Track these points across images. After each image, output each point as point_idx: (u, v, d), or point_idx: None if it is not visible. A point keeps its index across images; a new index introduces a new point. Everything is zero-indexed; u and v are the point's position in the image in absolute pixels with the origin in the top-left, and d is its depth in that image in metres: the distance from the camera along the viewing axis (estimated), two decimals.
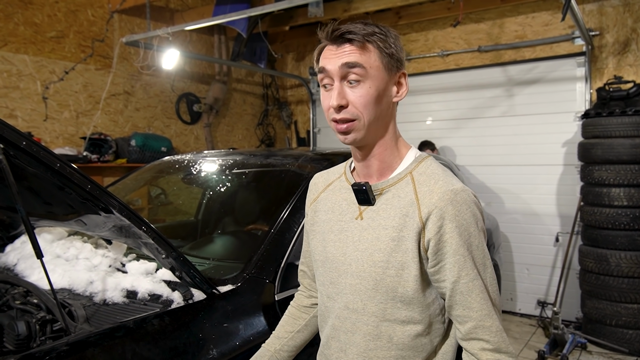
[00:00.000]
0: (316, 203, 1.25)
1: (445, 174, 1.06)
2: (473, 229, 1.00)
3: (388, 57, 1.03)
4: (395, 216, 1.04)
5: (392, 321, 1.05)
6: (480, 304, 1.00)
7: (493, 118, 4.86)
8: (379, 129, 1.07)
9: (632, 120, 3.76)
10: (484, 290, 1.01)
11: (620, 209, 3.77)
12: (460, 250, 0.99)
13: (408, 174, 1.07)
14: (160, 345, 1.25)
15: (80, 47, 4.02)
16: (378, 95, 1.03)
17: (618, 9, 4.29)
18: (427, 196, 1.02)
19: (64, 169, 1.23)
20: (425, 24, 5.31)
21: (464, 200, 1.01)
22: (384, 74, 1.03)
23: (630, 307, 3.73)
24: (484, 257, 1.02)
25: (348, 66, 1.01)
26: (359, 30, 1.02)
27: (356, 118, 1.02)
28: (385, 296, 1.04)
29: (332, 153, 2.39)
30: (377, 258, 1.04)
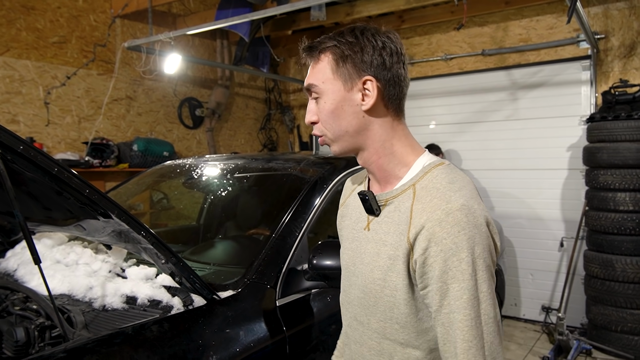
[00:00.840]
0: (343, 208, 1.22)
1: (448, 187, 0.94)
2: (464, 255, 0.87)
3: (342, 66, 0.99)
4: (394, 232, 0.97)
5: (392, 341, 1.00)
6: (463, 342, 0.87)
7: (497, 122, 4.83)
8: (357, 138, 1.02)
9: (638, 124, 3.72)
10: (471, 327, 0.87)
11: (626, 214, 3.73)
12: (443, 277, 0.88)
13: (411, 186, 0.98)
14: (159, 352, 1.23)
15: (83, 52, 4.02)
16: (335, 108, 1.00)
17: (624, 12, 4.27)
18: (418, 214, 0.93)
19: (61, 174, 1.21)
20: (428, 28, 5.30)
21: (458, 221, 0.88)
22: (338, 86, 0.99)
23: (636, 313, 3.69)
24: (475, 290, 0.88)
25: (307, 88, 1.04)
26: (319, 44, 1.01)
27: (322, 133, 1.04)
28: (384, 315, 1.00)
29: (334, 157, 2.37)
30: (376, 275, 1.00)
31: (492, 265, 0.91)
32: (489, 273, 0.90)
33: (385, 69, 0.99)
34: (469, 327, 0.87)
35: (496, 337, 0.89)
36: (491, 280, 0.90)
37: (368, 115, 1.00)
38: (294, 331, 1.60)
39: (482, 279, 0.89)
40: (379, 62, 0.98)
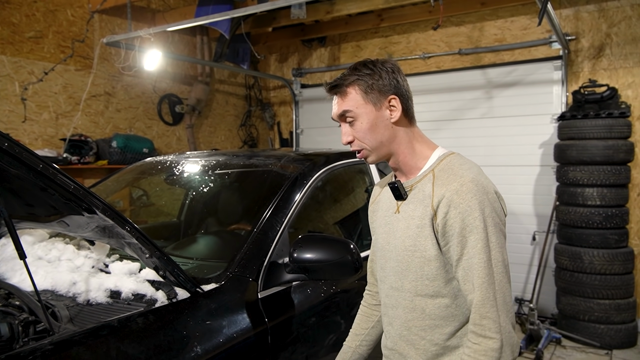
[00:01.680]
0: (374, 205, 1.48)
1: (461, 167, 1.22)
2: (477, 214, 1.14)
3: (370, 94, 1.25)
4: (419, 207, 1.24)
5: (423, 296, 1.25)
6: (481, 280, 1.13)
7: (473, 120, 4.95)
8: (390, 145, 1.29)
9: (605, 123, 3.88)
10: (483, 268, 1.13)
11: (594, 209, 3.89)
12: (462, 232, 1.15)
13: (430, 171, 1.26)
14: (145, 343, 1.27)
15: (60, 47, 3.98)
16: (371, 125, 1.26)
17: (593, 15, 4.43)
18: (439, 188, 1.20)
19: (46, 170, 1.23)
20: (407, 27, 5.39)
21: (470, 189, 1.16)
22: (370, 108, 1.26)
23: (603, 303, 3.86)
24: (487, 240, 1.14)
25: (340, 114, 1.29)
26: (343, 82, 1.27)
27: (362, 147, 1.29)
28: (415, 275, 1.25)
29: (314, 153, 2.42)
30: (407, 243, 1.25)
31: (500, 222, 1.19)
32: (497, 228, 1.17)
33: (400, 86, 1.29)
34: (482, 267, 1.13)
35: (504, 277, 1.16)
36: (499, 233, 1.17)
37: (395, 125, 1.28)
38: (276, 322, 1.65)
39: (492, 232, 1.15)
40: (394, 83, 1.28)
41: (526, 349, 3.85)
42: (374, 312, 1.56)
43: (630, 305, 3.92)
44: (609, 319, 3.86)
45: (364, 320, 1.57)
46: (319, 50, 6.10)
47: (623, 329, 3.88)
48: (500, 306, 1.13)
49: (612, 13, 4.34)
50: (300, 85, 6.19)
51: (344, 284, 2.08)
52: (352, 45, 5.84)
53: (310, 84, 6.17)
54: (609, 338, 3.87)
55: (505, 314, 1.14)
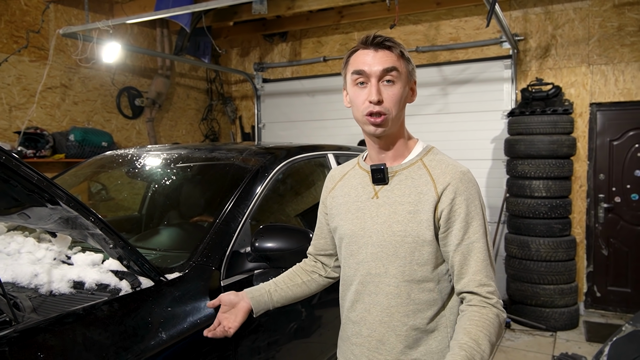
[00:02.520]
0: (334, 191, 1.47)
1: (450, 160, 1.31)
2: (478, 202, 1.25)
3: (410, 67, 1.30)
4: (410, 194, 1.27)
5: (409, 281, 1.27)
6: (477, 262, 1.21)
7: (429, 115, 5.14)
8: (399, 123, 1.30)
9: (550, 119, 4.14)
10: (482, 251, 1.22)
11: (540, 200, 4.15)
12: (467, 218, 1.22)
13: (419, 160, 1.31)
14: (110, 329, 1.31)
15: (13, 37, 3.86)
16: (402, 95, 1.27)
17: (540, 17, 4.68)
18: (441, 176, 1.25)
19: (9, 162, 1.25)
20: (366, 24, 5.52)
21: (470, 179, 1.27)
22: (407, 80, 1.29)
23: (548, 288, 4.13)
24: (483, 226, 1.25)
25: (387, 70, 1.24)
26: (394, 44, 1.28)
27: (387, 113, 1.25)
28: (403, 260, 1.26)
29: (276, 147, 2.49)
30: (396, 228, 1.26)
31: None
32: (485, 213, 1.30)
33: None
34: (484, 250, 1.23)
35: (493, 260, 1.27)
36: None
37: (404, 108, 1.31)
38: None
39: (485, 220, 1.27)
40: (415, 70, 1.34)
41: None
42: (303, 274, 1.57)
43: (572, 289, 4.21)
44: (554, 303, 4.14)
45: (290, 275, 1.57)
46: (280, 45, 6.14)
47: (566, 312, 4.17)
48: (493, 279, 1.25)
49: (557, 16, 4.60)
50: (262, 80, 6.21)
51: None
52: (313, 41, 5.92)
53: (272, 79, 6.21)
54: (554, 321, 4.14)
55: None
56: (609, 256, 4.55)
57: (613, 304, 4.58)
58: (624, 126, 4.46)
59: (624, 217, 4.48)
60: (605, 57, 4.44)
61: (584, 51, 4.51)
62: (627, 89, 4.37)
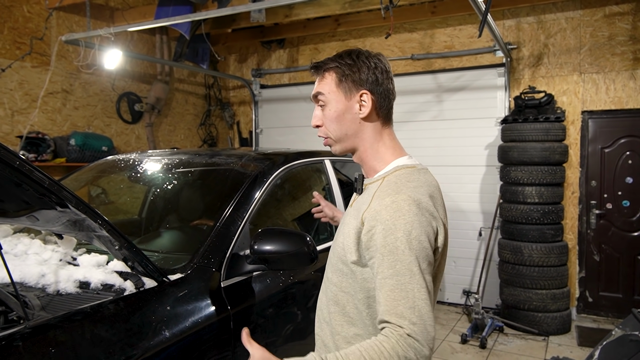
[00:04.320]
0: None
1: (404, 184, 1.17)
2: (401, 235, 1.08)
3: (344, 82, 1.25)
4: (357, 209, 1.23)
5: (345, 293, 1.23)
6: (387, 301, 1.06)
7: (424, 122, 5.23)
8: (354, 140, 1.28)
9: (542, 127, 4.23)
10: (396, 290, 1.05)
11: (533, 206, 4.23)
12: (381, 250, 1.09)
13: (382, 178, 1.24)
14: (117, 326, 1.38)
15: (16, 43, 3.92)
16: (338, 115, 1.26)
17: (533, 26, 4.78)
18: (375, 200, 1.17)
19: (22, 167, 1.32)
20: (362, 32, 5.61)
21: (400, 207, 1.10)
22: (340, 97, 1.25)
23: (540, 293, 4.20)
24: (409, 263, 1.06)
25: (314, 95, 1.29)
26: (323, 65, 1.28)
27: (327, 135, 1.29)
28: (341, 272, 1.24)
29: (274, 153, 2.56)
30: (339, 239, 1.26)
31: (429, 247, 1.11)
32: (424, 252, 1.09)
33: (377, 84, 1.27)
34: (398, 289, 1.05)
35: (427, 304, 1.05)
36: (426, 257, 1.09)
37: (363, 121, 1.27)
38: (238, 309, 1.78)
39: (417, 256, 1.08)
40: (372, 79, 1.26)
41: (471, 337, 4.13)
42: None
43: (564, 294, 4.28)
44: (546, 308, 4.21)
45: None
46: (278, 52, 6.23)
47: (558, 316, 4.24)
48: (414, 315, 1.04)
49: (549, 25, 4.71)
50: (259, 86, 6.30)
51: (301, 275, 2.24)
52: (310, 48, 6.01)
53: (269, 85, 6.29)
54: (546, 325, 4.21)
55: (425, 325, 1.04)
56: (601, 262, 4.63)
57: (605, 309, 4.66)
58: (615, 134, 4.56)
59: (616, 223, 4.56)
60: (596, 66, 4.54)
61: (575, 60, 4.62)
62: (618, 97, 4.47)
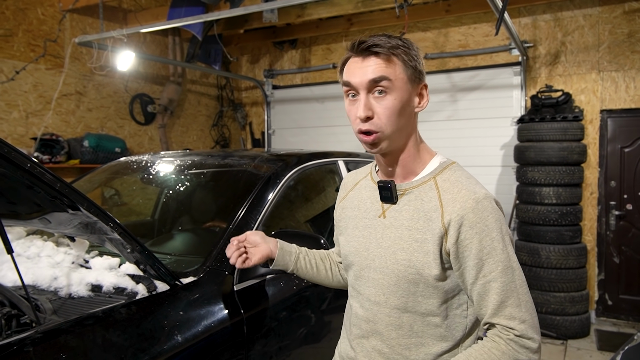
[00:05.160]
0: (344, 201, 1.33)
1: (468, 181, 1.10)
2: (495, 234, 1.04)
3: (412, 70, 1.08)
4: (419, 218, 1.09)
5: (413, 313, 1.12)
6: (494, 303, 1.04)
7: (438, 122, 5.16)
8: (402, 138, 1.11)
9: (560, 126, 4.14)
10: (500, 291, 1.03)
11: (550, 207, 4.14)
12: (480, 255, 1.03)
13: (432, 178, 1.12)
14: (129, 331, 1.35)
15: (30, 46, 3.95)
16: (402, 106, 1.07)
17: (550, 23, 4.69)
18: (450, 203, 1.06)
19: (34, 169, 1.30)
20: (375, 31, 5.55)
21: (485, 207, 1.05)
22: (408, 86, 1.08)
23: (558, 296, 4.11)
24: (508, 260, 1.04)
25: (376, 80, 1.05)
26: (384, 43, 1.05)
27: (380, 130, 1.07)
28: (407, 291, 1.11)
29: (287, 154, 2.53)
30: (400, 257, 1.11)
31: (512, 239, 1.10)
32: (513, 245, 1.08)
33: (424, 75, 1.14)
34: (504, 290, 1.03)
35: (530, 297, 1.07)
36: (514, 251, 1.09)
37: (415, 117, 1.14)
38: (251, 313, 1.75)
39: (512, 251, 1.07)
40: (424, 69, 1.13)
41: None
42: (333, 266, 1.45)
43: (583, 297, 4.19)
44: (564, 311, 4.11)
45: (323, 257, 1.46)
46: (290, 52, 6.20)
47: (577, 320, 4.14)
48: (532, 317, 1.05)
49: (566, 22, 4.61)
50: (271, 87, 6.28)
51: None
52: (323, 48, 5.98)
53: (281, 85, 6.27)
54: (564, 329, 4.12)
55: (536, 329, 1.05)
56: (621, 264, 4.52)
57: (625, 312, 4.54)
58: (635, 133, 4.44)
59: (636, 224, 4.45)
60: (615, 64, 4.43)
61: (594, 58, 4.51)
62: (639, 96, 4.36)
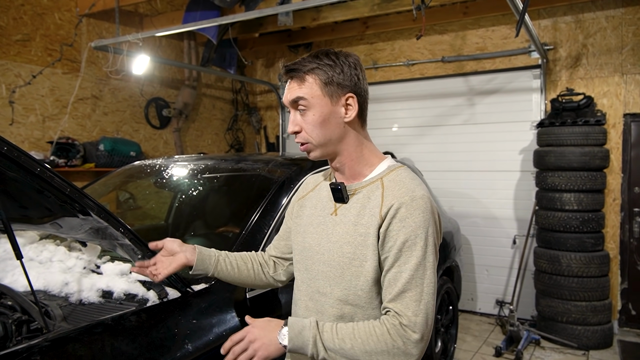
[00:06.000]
0: (303, 200, 1.41)
1: (412, 182, 1.20)
2: (420, 232, 1.13)
3: (329, 86, 1.19)
4: (364, 215, 1.19)
5: (354, 305, 1.20)
6: (398, 292, 1.12)
7: (455, 126, 5.07)
8: (337, 145, 1.23)
9: (581, 130, 4.02)
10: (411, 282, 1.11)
11: (571, 213, 4.02)
12: (401, 246, 1.13)
13: (379, 179, 1.23)
14: (138, 340, 1.32)
15: (47, 50, 3.98)
16: (323, 119, 1.19)
17: (570, 25, 4.58)
18: (389, 198, 1.17)
19: (43, 173, 1.28)
20: (391, 34, 5.50)
21: (419, 205, 1.15)
22: (325, 101, 1.19)
23: (580, 305, 3.98)
24: (424, 259, 1.13)
25: (293, 100, 1.21)
26: (302, 67, 1.20)
27: (307, 141, 1.22)
28: (348, 284, 1.20)
29: (300, 158, 2.49)
30: (346, 250, 1.20)
31: (437, 244, 1.19)
32: (435, 249, 1.16)
33: (359, 85, 1.23)
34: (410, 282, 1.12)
35: (432, 298, 1.14)
36: (436, 255, 1.17)
37: (347, 125, 1.22)
38: None
39: (430, 252, 1.14)
40: (355, 80, 1.22)
41: (506, 350, 3.95)
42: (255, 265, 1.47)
43: (606, 307, 4.05)
44: (586, 321, 3.99)
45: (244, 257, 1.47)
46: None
47: (599, 330, 4.01)
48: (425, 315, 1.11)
49: (588, 24, 4.50)
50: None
51: None
52: None
53: None
54: (586, 339, 3.99)
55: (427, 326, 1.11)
56: None
57: None
58: None
59: None
60: (639, 67, 4.30)
61: (617, 60, 4.39)
62: None
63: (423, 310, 1.11)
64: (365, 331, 1.11)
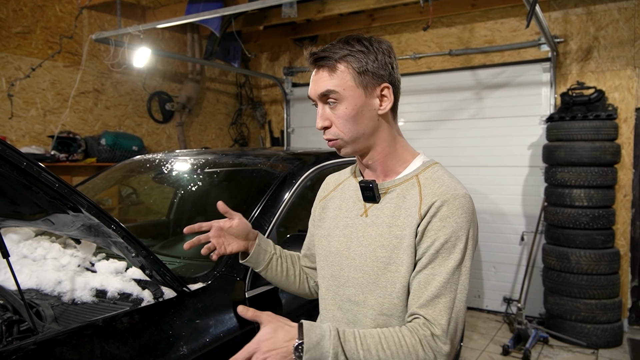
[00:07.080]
0: (326, 200, 1.32)
1: (450, 179, 1.12)
2: (462, 233, 1.04)
3: (363, 75, 1.08)
4: (400, 215, 1.10)
5: (388, 315, 1.09)
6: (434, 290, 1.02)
7: (463, 120, 4.98)
8: (369, 140, 1.13)
9: (592, 125, 3.93)
10: (444, 287, 1.01)
11: (581, 209, 3.93)
12: (440, 247, 1.03)
13: (414, 176, 1.13)
14: (130, 342, 1.26)
15: (48, 43, 3.93)
16: (356, 112, 1.09)
17: (582, 17, 4.47)
18: (429, 197, 1.07)
19: (30, 168, 1.22)
20: (398, 27, 5.40)
21: (462, 204, 1.06)
22: (359, 92, 1.08)
23: (589, 303, 3.90)
24: (461, 262, 1.03)
25: (323, 93, 1.10)
26: (332, 54, 1.08)
27: (338, 137, 1.11)
28: (383, 291, 1.09)
29: (304, 153, 2.43)
30: (380, 254, 1.10)
31: (475, 247, 1.10)
32: (473, 252, 1.08)
33: (394, 74, 1.13)
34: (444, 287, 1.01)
35: (464, 307, 1.05)
36: (472, 259, 1.08)
37: (381, 118, 1.13)
38: None
39: (468, 256, 1.05)
40: (389, 69, 1.11)
41: (514, 349, 3.88)
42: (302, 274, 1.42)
43: (616, 305, 3.97)
44: (595, 319, 3.91)
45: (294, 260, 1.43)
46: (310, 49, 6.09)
47: (609, 328, 3.93)
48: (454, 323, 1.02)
49: (599, 16, 4.38)
50: (291, 84, 6.18)
51: None
52: None
53: (301, 83, 6.16)
54: (595, 337, 3.91)
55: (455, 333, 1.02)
56: None
57: None
58: None
59: None
60: None
61: (629, 53, 4.28)
62: None
63: (454, 320, 1.01)
64: (394, 341, 1.00)
